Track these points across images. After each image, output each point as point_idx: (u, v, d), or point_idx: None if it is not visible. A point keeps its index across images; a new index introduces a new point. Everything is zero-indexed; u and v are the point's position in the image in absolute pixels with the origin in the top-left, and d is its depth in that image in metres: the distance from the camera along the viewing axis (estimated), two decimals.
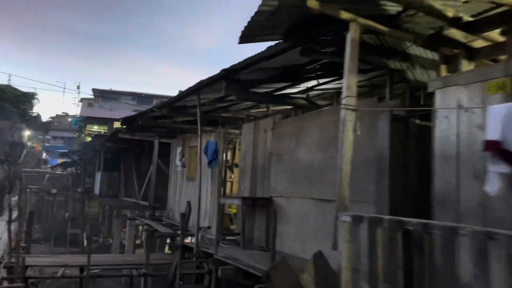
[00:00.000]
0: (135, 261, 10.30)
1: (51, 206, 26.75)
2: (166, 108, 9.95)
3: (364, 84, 7.81)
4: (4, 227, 17.65)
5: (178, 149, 13.72)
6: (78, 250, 24.15)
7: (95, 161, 24.19)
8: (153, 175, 15.12)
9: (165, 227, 12.29)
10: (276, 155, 8.35)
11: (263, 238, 8.43)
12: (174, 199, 13.94)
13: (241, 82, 7.35)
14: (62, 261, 9.91)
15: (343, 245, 3.69)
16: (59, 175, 40.03)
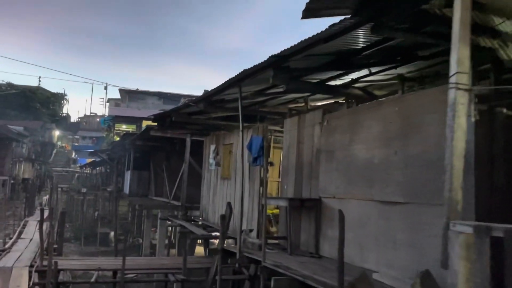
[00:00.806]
0: (170, 264, 9.64)
1: (81, 205, 26.59)
2: (203, 102, 9.24)
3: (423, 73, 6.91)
4: (35, 227, 17.44)
5: (212, 147, 13.05)
6: (108, 249, 23.89)
7: (125, 160, 23.86)
8: (185, 174, 14.50)
9: (199, 229, 11.62)
10: (326, 152, 7.53)
11: (312, 243, 7.61)
12: (208, 199, 13.27)
13: (289, 71, 6.57)
14: (95, 264, 9.34)
15: (459, 264, 2.84)
16: (88, 175, 40.18)
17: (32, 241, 12.49)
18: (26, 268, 8.46)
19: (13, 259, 9.41)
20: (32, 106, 49.53)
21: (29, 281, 7.91)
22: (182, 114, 11.38)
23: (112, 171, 29.46)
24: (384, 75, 7.16)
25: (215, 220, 12.41)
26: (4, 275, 7.89)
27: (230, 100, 9.56)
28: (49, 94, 53.12)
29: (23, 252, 10.39)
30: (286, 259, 7.00)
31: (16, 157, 37.97)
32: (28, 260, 9.39)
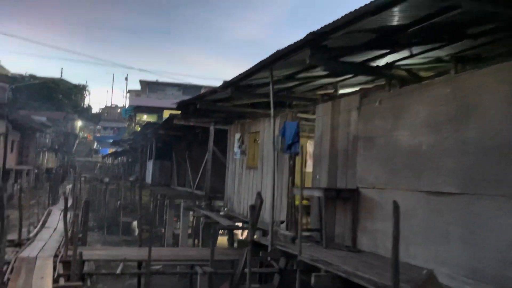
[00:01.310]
0: (196, 256, 9.29)
1: (104, 194, 26.61)
2: (230, 87, 8.76)
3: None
4: (59, 216, 17.38)
5: (237, 135, 12.60)
6: (131, 239, 23.83)
7: (146, 150, 23.67)
8: (208, 164, 14.11)
9: (225, 219, 11.23)
10: (365, 139, 6.98)
11: (348, 235, 7.11)
12: (232, 189, 12.86)
13: (328, 50, 6.02)
14: (120, 254, 9.06)
15: None
16: (110, 165, 40.38)
17: (56, 230, 12.32)
18: (51, 258, 8.21)
19: (37, 249, 9.20)
20: (54, 97, 50.03)
21: (53, 271, 7.65)
22: (207, 101, 10.94)
23: (133, 161, 29.41)
24: (430, 55, 6.56)
25: (241, 210, 12.02)
26: (29, 265, 7.64)
27: (259, 86, 9.06)
28: (71, 85, 53.58)
29: (47, 242, 10.19)
30: (322, 253, 6.53)
31: (40, 147, 38.38)
32: (52, 250, 9.17)
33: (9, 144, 28.18)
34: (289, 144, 7.25)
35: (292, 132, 7.18)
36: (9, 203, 28.00)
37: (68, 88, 52.04)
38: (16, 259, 8.00)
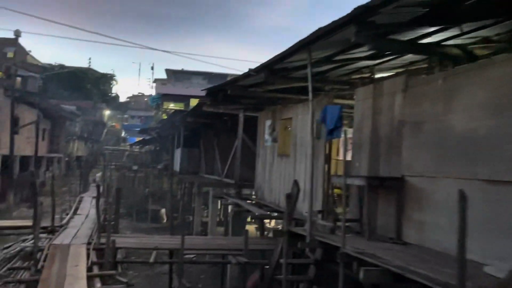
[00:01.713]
0: (229, 245, 9.04)
1: (132, 182, 26.82)
2: (264, 71, 8.36)
3: None
4: (90, 203, 17.51)
5: (267, 122, 12.23)
6: (159, 226, 23.97)
7: (174, 138, 23.61)
8: (238, 151, 13.83)
9: (257, 208, 10.94)
10: (411, 124, 6.48)
11: (392, 227, 6.66)
12: (263, 177, 12.53)
13: (375, 27, 5.54)
14: (151, 242, 8.89)
15: None
16: (138, 153, 40.76)
17: (88, 217, 12.33)
18: (84, 246, 8.11)
19: (70, 236, 9.14)
20: (83, 86, 50.69)
21: (87, 259, 7.52)
22: (237, 87, 10.60)
23: (161, 149, 29.51)
24: (482, 34, 5.99)
25: (272, 199, 11.71)
26: (62, 253, 7.54)
27: (294, 69, 8.63)
28: (99, 74, 54.16)
29: (80, 229, 10.15)
30: (366, 245, 6.12)
31: (70, 135, 39.05)
32: (85, 237, 9.08)
33: (40, 132, 28.68)
34: (330, 130, 6.81)
35: (334, 116, 6.74)
36: (41, 190, 28.63)
37: (96, 77, 52.64)
38: (50, 246, 7.93)
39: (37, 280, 6.15)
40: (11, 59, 45.21)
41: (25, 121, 26.32)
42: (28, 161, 28.23)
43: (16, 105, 23.93)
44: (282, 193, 11.09)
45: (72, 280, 6.02)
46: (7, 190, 23.69)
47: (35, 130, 27.14)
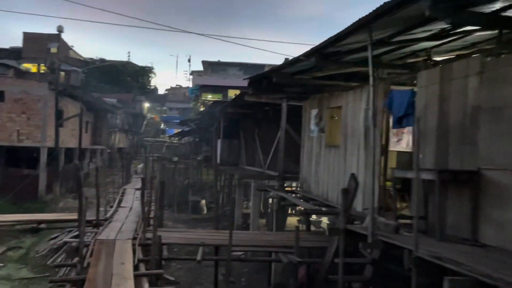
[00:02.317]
0: (277, 241, 8.51)
1: (172, 173, 26.82)
2: (315, 55, 7.69)
3: None
4: (133, 195, 17.50)
5: (313, 111, 11.56)
6: (200, 217, 23.85)
7: (213, 129, 23.31)
8: (281, 142, 13.23)
9: (304, 202, 10.35)
10: (490, 110, 5.66)
11: (466, 226, 5.90)
12: (309, 169, 11.90)
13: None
14: (197, 238, 8.50)
15: None
16: (177, 144, 40.97)
17: (131, 210, 12.14)
18: (129, 241, 7.81)
19: (115, 230, 8.90)
20: (123, 79, 51.50)
21: (133, 255, 7.20)
22: (283, 74, 9.98)
23: (200, 140, 29.38)
24: None
25: (319, 192, 11.07)
26: (108, 248, 7.26)
27: (347, 53, 7.91)
28: (138, 67, 54.87)
29: (124, 222, 9.93)
30: (437, 247, 5.41)
31: (111, 127, 39.72)
32: (130, 232, 8.82)
33: (83, 125, 29.17)
34: (399, 117, 6.07)
35: (403, 102, 6.01)
36: (85, 181, 29.23)
37: (135, 70, 53.36)
38: (96, 242, 7.68)
39: (83, 279, 5.87)
40: (55, 54, 46.50)
41: (69, 114, 26.80)
42: (73, 153, 28.83)
43: (60, 99, 24.32)
44: (330, 187, 10.45)
45: (119, 280, 5.70)
46: (53, 182, 24.22)
47: (78, 122, 27.62)
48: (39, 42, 47.40)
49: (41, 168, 23.45)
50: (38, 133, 23.29)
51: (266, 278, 10.60)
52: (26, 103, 23.09)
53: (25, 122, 23.18)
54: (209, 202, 25.56)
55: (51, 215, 10.79)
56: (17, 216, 9.59)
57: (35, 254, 15.51)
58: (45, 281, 13.32)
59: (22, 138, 23.13)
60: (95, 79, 46.95)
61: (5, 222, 8.80)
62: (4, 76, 23.85)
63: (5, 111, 22.90)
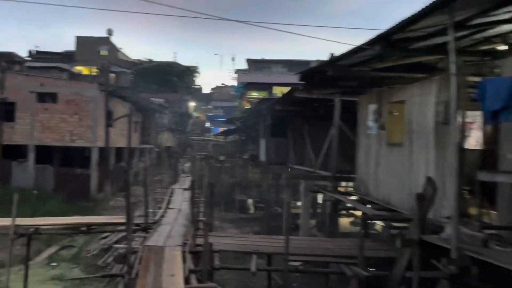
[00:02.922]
0: (338, 250, 7.69)
1: (219, 172, 26.50)
2: (380, 43, 6.80)
3: None
4: (182, 195, 17.20)
5: (371, 107, 10.58)
6: (247, 216, 23.35)
7: (259, 127, 22.70)
8: (334, 141, 12.35)
9: (363, 205, 9.44)
10: None
11: None
12: (367, 169, 10.93)
13: None
14: (250, 244, 7.86)
15: None
16: (223, 143, 40.82)
17: (180, 212, 11.73)
18: (179, 248, 7.28)
19: (164, 234, 8.43)
20: (169, 79, 52.18)
21: (183, 264, 6.65)
22: (339, 67, 9.12)
23: (246, 139, 28.89)
24: None
25: (379, 195, 10.09)
26: (157, 256, 6.77)
27: (417, 39, 6.96)
28: (183, 67, 55.44)
29: (173, 226, 9.47)
30: None
31: (159, 127, 40.20)
32: (180, 237, 8.31)
33: (132, 125, 29.55)
34: (494, 111, 5.09)
35: (501, 93, 5.01)
36: (135, 180, 29.59)
37: (181, 70, 53.94)
38: (144, 248, 7.23)
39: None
40: (105, 56, 47.83)
41: (118, 114, 27.16)
42: (122, 152, 29.26)
43: (110, 99, 24.64)
44: (393, 189, 9.47)
45: None
46: (105, 181, 24.58)
47: (127, 122, 27.96)
48: (90, 45, 49.00)
49: (93, 167, 23.85)
50: (89, 133, 23.70)
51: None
52: (78, 104, 23.55)
53: (77, 122, 23.65)
54: (256, 201, 25.01)
55: (100, 218, 10.58)
56: (67, 219, 9.39)
57: (86, 253, 15.62)
58: (96, 282, 13.32)
59: (74, 139, 23.62)
60: (143, 80, 47.82)
61: (55, 225, 8.59)
62: (57, 78, 24.44)
63: (58, 112, 23.47)
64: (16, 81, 23.31)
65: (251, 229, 20.53)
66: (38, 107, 23.41)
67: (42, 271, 14.03)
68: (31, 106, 23.28)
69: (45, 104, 23.59)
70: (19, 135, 23.28)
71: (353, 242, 8.61)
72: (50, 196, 21.65)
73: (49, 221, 9.04)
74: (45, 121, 23.41)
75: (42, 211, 20.31)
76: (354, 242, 8.63)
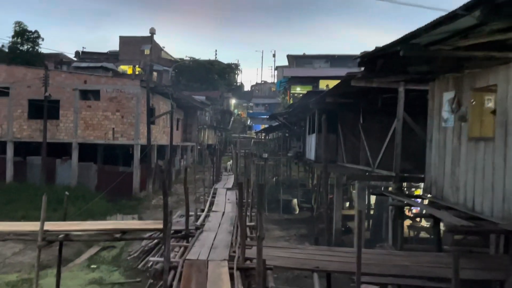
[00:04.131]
0: (415, 266, 6.12)
1: (263, 170, 25.20)
2: (480, 7, 5.17)
3: None
4: (225, 196, 15.99)
5: (446, 95, 8.88)
6: (292, 217, 21.95)
7: (305, 123, 21.17)
8: (398, 135, 10.66)
9: (453, 216, 7.74)
10: None
11: None
12: (441, 168, 9.21)
13: None
14: (308, 258, 6.45)
15: None
16: (265, 140, 39.53)
17: (224, 215, 10.51)
18: (225, 264, 6.00)
19: (207, 245, 7.18)
20: (210, 77, 51.57)
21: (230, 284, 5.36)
22: (414, 46, 7.48)
23: (290, 135, 27.42)
24: None
25: (459, 199, 8.36)
26: (199, 274, 5.52)
27: None
28: (224, 65, 54.68)
29: (217, 233, 8.21)
30: None
31: (201, 124, 39.50)
32: (225, 248, 7.04)
33: (174, 122, 28.89)
34: None
35: None
36: (177, 178, 28.90)
37: (222, 67, 53.20)
38: (184, 263, 6.00)
39: None
40: (148, 55, 47.86)
41: (160, 111, 26.51)
42: (165, 150, 28.65)
43: (152, 96, 23.97)
44: (478, 193, 7.73)
45: None
46: (147, 179, 23.96)
47: (169, 120, 27.27)
48: (134, 44, 49.22)
49: (135, 165, 23.27)
50: (131, 131, 23.13)
51: None
52: (120, 101, 23.02)
53: (120, 120, 23.14)
54: (301, 202, 23.54)
55: (136, 223, 9.53)
56: (100, 224, 8.38)
57: (127, 255, 14.82)
58: (136, 287, 12.41)
59: (117, 136, 23.12)
60: (184, 78, 47.43)
61: (86, 230, 7.57)
62: (99, 75, 24.06)
63: (101, 110, 23.05)
64: (60, 78, 23.10)
65: (297, 231, 19.11)
66: (81, 105, 23.10)
67: (82, 274, 13.33)
68: (74, 103, 23.01)
69: (88, 101, 23.26)
70: (63, 133, 23.07)
71: (434, 258, 7.02)
72: (93, 195, 21.24)
73: (81, 226, 8.05)
74: (88, 118, 23.07)
75: (84, 210, 19.90)
76: (435, 258, 7.03)
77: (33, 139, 23.04)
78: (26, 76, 23.08)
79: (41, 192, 18.89)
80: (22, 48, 34.32)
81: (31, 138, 23.13)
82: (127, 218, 19.24)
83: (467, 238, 10.19)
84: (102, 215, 19.88)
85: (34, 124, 23.08)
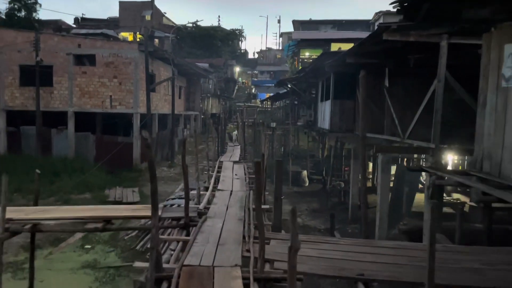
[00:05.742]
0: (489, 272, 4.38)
1: (271, 141, 23.36)
2: None
3: None
4: (232, 171, 14.13)
5: (508, 47, 6.91)
6: (301, 190, 20.34)
7: (317, 89, 19.18)
8: (439, 99, 8.76)
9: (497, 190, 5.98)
10: None
11: None
12: (499, 139, 7.34)
13: None
14: (343, 258, 4.74)
15: None
16: (270, 108, 37.55)
17: (232, 195, 8.76)
18: (238, 271, 4.27)
19: (212, 241, 5.39)
20: (214, 44, 49.04)
21: None
22: None
23: (299, 103, 25.44)
24: None
25: None
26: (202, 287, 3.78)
27: None
28: (227, 31, 51.96)
29: (225, 221, 6.43)
30: None
31: (204, 93, 37.48)
32: (236, 244, 5.27)
33: (176, 90, 26.91)
34: None
35: None
36: (179, 149, 27.18)
37: (225, 34, 50.48)
38: (181, 271, 4.26)
39: None
40: (149, 21, 45.16)
41: (161, 78, 24.49)
42: (167, 119, 26.83)
43: (151, 61, 21.91)
44: None
45: None
46: None
47: (171, 87, 25.31)
48: (134, 10, 46.37)
49: (135, 135, 21.51)
50: (130, 99, 21.21)
51: None
52: (117, 66, 20.98)
53: (117, 87, 21.18)
54: (311, 173, 21.87)
55: (123, 208, 7.80)
56: (78, 210, 6.66)
57: (125, 233, 13.28)
58: (133, 273, 10.92)
59: (115, 104, 21.23)
60: (187, 45, 44.95)
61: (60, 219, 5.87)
62: (95, 39, 21.89)
63: (97, 76, 21.06)
64: (52, 42, 20.97)
65: (308, 205, 17.53)
66: (76, 71, 21.09)
67: (74, 255, 11.81)
68: (69, 69, 21.01)
69: (83, 67, 21.24)
70: (58, 101, 21.20)
71: (507, 256, 5.28)
72: (91, 166, 19.62)
73: (54, 213, 6.35)
74: (83, 85, 21.12)
75: (81, 181, 18.31)
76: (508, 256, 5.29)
77: (27, 107, 21.21)
78: (16, 39, 20.99)
79: (37, 164, 17.44)
80: (20, 14, 32.01)
81: (24, 107, 21.30)
82: (127, 191, 17.75)
83: None
84: (100, 188, 18.32)
85: (27, 92, 21.20)
